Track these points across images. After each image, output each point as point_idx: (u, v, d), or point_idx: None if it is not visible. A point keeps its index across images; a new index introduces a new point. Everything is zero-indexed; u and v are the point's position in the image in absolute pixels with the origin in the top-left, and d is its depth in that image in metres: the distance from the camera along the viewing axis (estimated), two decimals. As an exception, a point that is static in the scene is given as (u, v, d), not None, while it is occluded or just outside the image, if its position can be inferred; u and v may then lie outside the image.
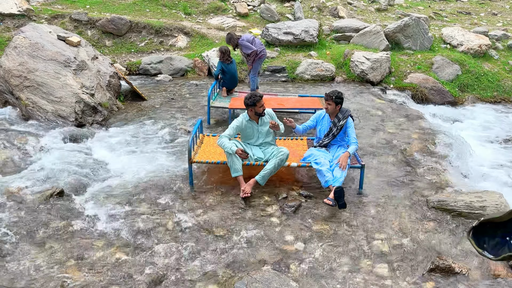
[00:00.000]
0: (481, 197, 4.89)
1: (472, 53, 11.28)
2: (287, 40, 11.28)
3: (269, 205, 4.98)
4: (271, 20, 13.61)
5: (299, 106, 7.30)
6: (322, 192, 5.23)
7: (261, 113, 5.34)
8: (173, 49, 11.98)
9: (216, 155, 5.56)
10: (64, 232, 4.42)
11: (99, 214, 4.77)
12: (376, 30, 11.42)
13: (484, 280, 3.93)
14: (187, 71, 10.75)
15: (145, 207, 4.93)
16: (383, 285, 3.83)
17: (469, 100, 10.07)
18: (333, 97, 5.31)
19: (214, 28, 13.10)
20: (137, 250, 4.20)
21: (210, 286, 3.75)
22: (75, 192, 5.17)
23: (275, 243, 4.34)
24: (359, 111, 8.02)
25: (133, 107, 8.33)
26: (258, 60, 7.83)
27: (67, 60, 7.68)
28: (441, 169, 6.06)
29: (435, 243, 4.39)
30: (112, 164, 5.99)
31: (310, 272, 3.96)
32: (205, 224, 4.61)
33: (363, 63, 10.03)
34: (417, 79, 10.08)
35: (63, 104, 7.15)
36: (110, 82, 8.39)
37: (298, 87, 9.60)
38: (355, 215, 4.84)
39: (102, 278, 3.80)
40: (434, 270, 3.99)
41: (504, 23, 15.18)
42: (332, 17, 14.60)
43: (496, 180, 6.16)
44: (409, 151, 6.51)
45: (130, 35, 12.17)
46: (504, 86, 10.42)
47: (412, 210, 4.99)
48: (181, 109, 8.11)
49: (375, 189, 5.44)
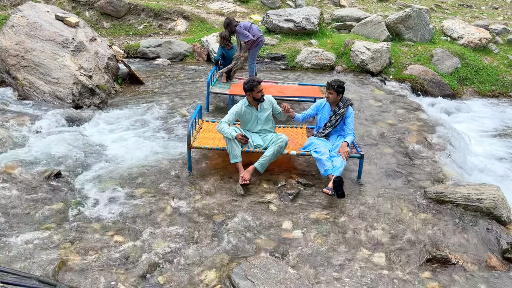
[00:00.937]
0: (479, 190, 4.92)
1: (472, 46, 11.27)
2: (288, 27, 11.18)
3: (267, 192, 4.98)
4: (272, 7, 13.49)
5: (299, 94, 7.27)
6: (321, 181, 5.23)
7: (259, 98, 5.28)
8: (172, 33, 11.86)
9: (215, 141, 5.53)
10: (61, 214, 4.39)
11: (96, 197, 4.74)
12: (377, 20, 11.35)
13: (480, 272, 3.96)
14: (186, 56, 10.65)
15: (143, 191, 4.91)
16: (380, 274, 3.85)
17: (468, 94, 10.08)
18: (335, 86, 5.28)
19: (214, 13, 12.96)
20: (135, 234, 4.18)
21: (207, 272, 3.75)
22: (72, 174, 5.13)
23: (273, 230, 4.34)
24: (358, 101, 8.00)
25: (131, 91, 8.25)
26: (255, 47, 7.72)
27: (65, 41, 7.57)
28: (439, 161, 6.08)
29: (432, 234, 4.41)
30: (109, 147, 5.95)
31: (308, 259, 3.97)
32: (203, 210, 4.60)
33: (364, 53, 9.98)
34: (417, 71, 10.06)
35: (61, 85, 7.06)
36: (108, 64, 8.29)
37: (297, 76, 9.54)
38: (353, 204, 4.85)
39: (99, 261, 3.79)
40: (431, 260, 4.02)
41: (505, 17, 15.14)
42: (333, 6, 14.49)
43: (493, 173, 6.20)
44: (407, 142, 6.52)
45: (129, 18, 12.02)
46: (503, 81, 10.43)
47: (410, 201, 5.00)
48: (179, 94, 8.05)
49: (373, 179, 5.45)
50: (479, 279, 3.85)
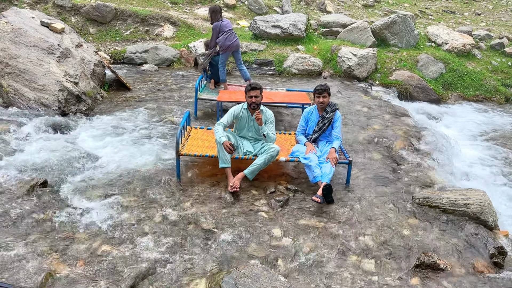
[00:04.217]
0: (465, 195, 4.98)
1: (456, 52, 11.45)
2: (275, 33, 11.23)
3: (257, 199, 4.97)
4: (259, 13, 13.54)
5: (287, 100, 7.29)
6: (310, 187, 5.24)
7: (249, 104, 5.27)
8: (159, 39, 11.81)
9: (204, 148, 5.51)
10: (48, 224, 4.32)
11: (83, 206, 4.68)
12: (363, 26, 11.46)
13: (468, 276, 4.01)
14: (173, 62, 10.61)
15: (130, 199, 4.86)
16: (370, 281, 3.87)
17: (453, 98, 10.22)
18: (327, 89, 5.37)
19: (201, 19, 12.96)
20: (123, 243, 4.13)
21: (197, 281, 3.72)
22: (59, 183, 5.06)
23: (263, 238, 4.33)
24: (345, 107, 8.06)
25: (118, 97, 8.18)
26: (225, 52, 7.65)
27: (50, 47, 7.48)
28: (426, 166, 6.15)
29: (421, 239, 4.45)
30: (96, 154, 5.88)
31: (298, 267, 3.97)
32: (193, 218, 4.57)
33: (350, 59, 10.06)
34: (402, 76, 10.17)
35: (46, 92, 6.97)
36: (95, 70, 8.22)
37: (285, 81, 9.58)
38: (342, 210, 4.87)
39: (87, 271, 3.73)
40: (420, 266, 4.05)
41: (487, 23, 15.43)
42: (320, 12, 14.60)
43: (479, 178, 6.28)
44: (394, 147, 6.58)
45: (115, 23, 11.94)
46: (486, 85, 10.61)
47: (398, 206, 5.04)
48: (167, 100, 8.01)
49: (361, 185, 5.48)
50: (467, 284, 3.90)
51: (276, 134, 6.14)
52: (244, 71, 8.01)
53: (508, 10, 17.98)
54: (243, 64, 8.16)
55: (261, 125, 5.20)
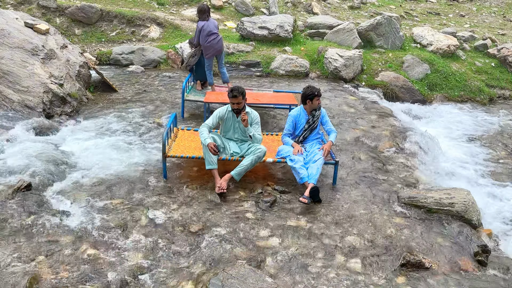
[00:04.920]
0: (450, 194, 5.05)
1: (441, 53, 11.59)
2: (262, 34, 11.25)
3: (244, 200, 4.97)
4: (246, 14, 13.55)
5: (275, 101, 7.31)
6: (297, 187, 5.26)
7: (233, 108, 5.26)
8: (146, 40, 11.74)
9: (191, 149, 5.49)
10: (32, 228, 4.26)
11: (68, 209, 4.63)
12: (349, 28, 11.54)
13: (453, 275, 4.06)
14: (160, 63, 10.56)
15: (116, 202, 4.82)
16: (356, 280, 3.89)
17: (438, 99, 10.34)
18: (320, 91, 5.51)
19: (188, 20, 12.92)
20: (109, 246, 4.10)
21: (184, 283, 3.71)
22: (44, 186, 4.99)
23: (250, 239, 4.33)
24: (332, 108, 8.10)
25: (104, 99, 8.12)
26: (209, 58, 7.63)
27: (34, 48, 7.39)
28: (411, 166, 6.22)
29: (406, 238, 4.50)
30: (82, 157, 5.82)
31: (285, 267, 3.98)
32: (180, 220, 4.55)
33: (337, 60, 10.13)
34: (388, 78, 10.27)
35: (30, 94, 6.88)
36: (80, 72, 8.14)
37: (272, 82, 9.60)
38: (329, 211, 4.90)
39: (73, 274, 3.69)
40: (405, 265, 4.09)
41: (471, 24, 15.66)
42: (306, 13, 14.67)
43: (464, 177, 6.37)
44: (380, 148, 6.64)
45: (101, 24, 11.83)
46: (471, 86, 10.75)
47: (383, 206, 5.09)
48: (153, 102, 7.97)
49: (348, 185, 5.52)
50: (452, 282, 3.95)
51: (263, 135, 6.16)
52: (224, 73, 8.02)
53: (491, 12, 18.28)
54: (225, 67, 8.16)
55: (247, 126, 5.20)
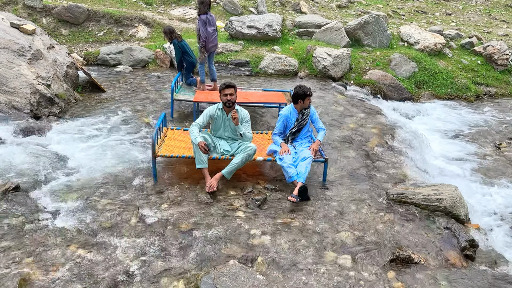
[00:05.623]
0: (438, 190, 5.11)
1: (428, 51, 11.72)
2: (251, 34, 11.27)
3: (235, 199, 4.98)
4: (234, 13, 13.55)
5: (264, 100, 7.33)
6: (287, 185, 5.29)
7: (224, 102, 5.28)
8: (133, 40, 11.69)
9: (180, 149, 5.49)
10: (21, 229, 4.22)
11: (57, 210, 4.59)
12: (337, 27, 11.61)
13: (441, 269, 4.12)
14: (148, 63, 10.52)
15: (106, 202, 4.79)
16: (347, 276, 3.93)
17: (425, 97, 10.46)
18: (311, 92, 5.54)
19: (176, 19, 12.88)
20: (99, 247, 4.08)
21: (176, 283, 3.71)
22: (32, 187, 4.95)
23: (241, 237, 4.34)
24: (321, 106, 8.15)
25: (92, 99, 8.06)
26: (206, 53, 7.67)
27: (21, 49, 7.31)
28: (399, 162, 6.28)
29: (395, 234, 4.55)
30: (70, 157, 5.78)
31: (276, 264, 4.00)
32: (170, 219, 4.54)
33: (325, 59, 10.18)
34: (376, 76, 10.36)
35: (17, 95, 6.80)
36: (67, 72, 8.07)
37: (262, 82, 9.62)
38: (319, 208, 4.93)
39: (63, 275, 3.67)
40: (395, 260, 4.14)
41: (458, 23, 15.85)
42: (295, 12, 14.71)
43: (451, 173, 6.46)
44: (369, 145, 6.70)
45: (88, 24, 11.75)
46: (457, 84, 10.90)
47: (373, 203, 5.14)
48: (142, 102, 7.94)
49: (337, 183, 5.56)
50: (441, 276, 4.00)
51: (253, 134, 6.18)
52: (213, 71, 8.04)
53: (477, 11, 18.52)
54: (214, 64, 8.18)
55: (237, 125, 5.21)
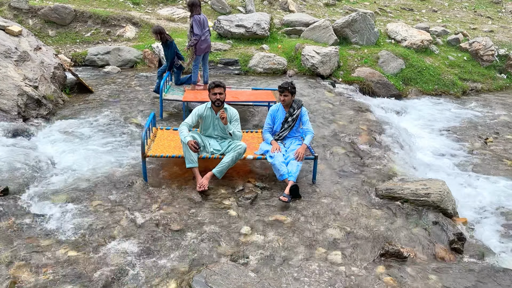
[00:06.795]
0: (426, 185, 5.18)
1: (415, 48, 11.84)
2: (239, 32, 11.28)
3: (225, 198, 5.00)
4: (222, 12, 13.54)
5: (253, 99, 7.35)
6: (278, 183, 5.32)
7: (213, 101, 5.30)
8: (121, 40, 11.62)
9: (170, 148, 5.49)
10: (10, 232, 4.19)
11: (47, 212, 4.57)
12: (325, 25, 11.67)
13: (430, 263, 4.18)
14: (136, 63, 10.47)
15: (96, 203, 4.78)
16: (337, 271, 3.97)
17: (413, 93, 10.57)
18: (288, 88, 5.46)
19: (164, 19, 12.83)
20: (90, 248, 4.07)
21: (167, 282, 3.71)
22: (21, 189, 4.91)
23: (232, 235, 4.37)
24: (310, 104, 8.19)
25: (80, 100, 8.01)
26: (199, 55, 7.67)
27: (7, 51, 7.24)
28: (388, 158, 6.35)
29: (384, 229, 4.61)
30: (59, 159, 5.75)
31: (268, 262, 4.03)
32: (161, 220, 4.55)
33: (313, 57, 10.23)
34: (364, 73, 10.44)
35: (4, 97, 6.74)
36: (55, 74, 8.01)
37: (251, 80, 9.64)
38: (309, 205, 4.97)
39: (54, 277, 3.66)
40: (384, 255, 4.19)
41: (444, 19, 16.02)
42: (283, 11, 14.75)
43: (439, 168, 6.54)
44: (358, 142, 6.76)
45: (75, 25, 11.67)
46: (444, 80, 11.03)
47: (362, 199, 5.19)
48: (131, 102, 7.91)
49: (327, 179, 5.61)
50: (430, 270, 4.06)
51: (243, 133, 6.20)
52: (207, 73, 8.04)
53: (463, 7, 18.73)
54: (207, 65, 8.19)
55: (226, 124, 5.23)
